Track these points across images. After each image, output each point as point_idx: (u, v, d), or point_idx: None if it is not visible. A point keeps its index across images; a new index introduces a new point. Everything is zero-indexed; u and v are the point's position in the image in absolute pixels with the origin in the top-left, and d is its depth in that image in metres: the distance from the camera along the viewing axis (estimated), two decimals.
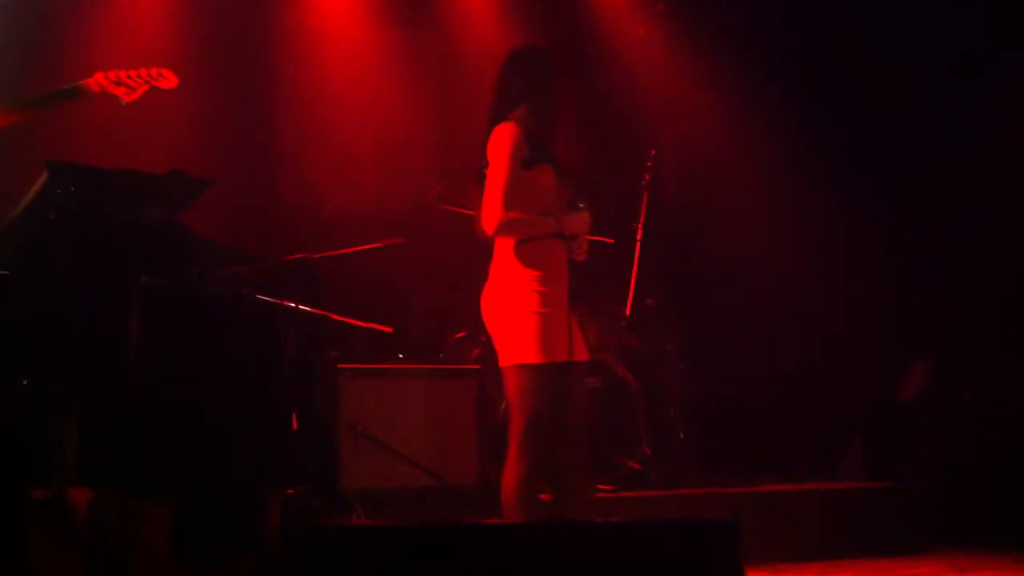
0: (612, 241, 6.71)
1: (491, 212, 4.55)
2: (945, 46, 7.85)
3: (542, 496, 4.66)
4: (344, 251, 6.05)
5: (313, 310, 5.44)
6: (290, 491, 5.14)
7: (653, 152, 7.22)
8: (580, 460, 4.71)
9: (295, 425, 4.80)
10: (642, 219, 7.10)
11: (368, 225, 6.84)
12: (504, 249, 4.65)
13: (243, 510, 4.65)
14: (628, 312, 7.08)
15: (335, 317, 5.70)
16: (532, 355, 4.52)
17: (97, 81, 5.06)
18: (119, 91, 5.07)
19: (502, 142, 4.60)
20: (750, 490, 6.71)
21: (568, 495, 4.67)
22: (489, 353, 5.28)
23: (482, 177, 4.67)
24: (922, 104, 7.99)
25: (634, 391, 6.73)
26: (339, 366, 6.31)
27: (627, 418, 6.73)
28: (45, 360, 4.18)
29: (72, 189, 4.35)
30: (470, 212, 5.08)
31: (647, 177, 7.15)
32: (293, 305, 5.01)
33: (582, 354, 4.71)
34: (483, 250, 4.81)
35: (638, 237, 7.08)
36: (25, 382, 4.11)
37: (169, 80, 5.15)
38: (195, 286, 4.61)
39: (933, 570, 5.92)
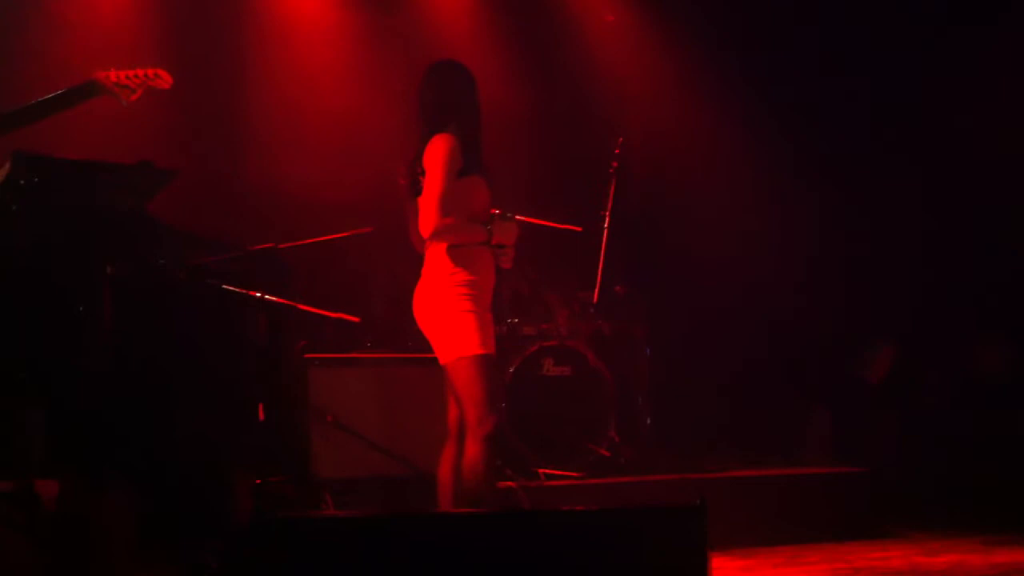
0: (580, 229, 6.73)
1: (429, 217, 4.79)
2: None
3: (509, 484, 4.71)
4: (311, 241, 6.05)
5: (280, 300, 5.43)
6: (258, 481, 5.14)
7: (621, 140, 7.24)
8: None
9: (261, 415, 4.81)
10: (610, 206, 7.12)
11: (335, 214, 6.81)
12: (436, 253, 4.89)
13: (211, 500, 4.64)
14: (596, 299, 7.10)
15: (302, 307, 5.69)
16: (476, 347, 4.78)
17: (99, 81, 5.02)
18: (123, 93, 5.03)
19: (440, 152, 4.84)
20: (718, 475, 6.74)
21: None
22: None
23: (416, 187, 4.91)
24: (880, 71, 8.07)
25: (606, 378, 6.75)
26: (307, 356, 6.29)
27: (595, 405, 6.74)
28: (11, 350, 4.16)
29: (36, 180, 4.32)
30: None
31: (615, 164, 7.18)
32: (260, 295, 5.01)
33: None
34: None
35: (606, 224, 7.11)
36: None
37: (165, 80, 5.11)
38: (162, 276, 4.59)
39: (902, 553, 5.96)
